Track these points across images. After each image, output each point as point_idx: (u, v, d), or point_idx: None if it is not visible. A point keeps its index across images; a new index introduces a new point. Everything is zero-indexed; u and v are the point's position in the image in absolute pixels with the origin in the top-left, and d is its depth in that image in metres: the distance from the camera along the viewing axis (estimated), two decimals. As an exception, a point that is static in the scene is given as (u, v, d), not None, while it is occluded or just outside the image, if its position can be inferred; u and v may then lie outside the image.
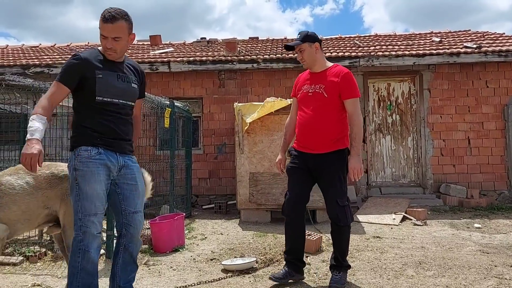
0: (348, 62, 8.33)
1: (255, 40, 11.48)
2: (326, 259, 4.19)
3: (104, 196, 2.66)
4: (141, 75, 2.95)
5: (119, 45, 2.68)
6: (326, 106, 3.36)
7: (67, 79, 2.64)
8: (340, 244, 3.46)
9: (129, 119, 2.85)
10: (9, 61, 8.99)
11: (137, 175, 2.84)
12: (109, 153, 2.68)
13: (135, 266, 2.91)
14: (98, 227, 2.65)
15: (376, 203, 7.36)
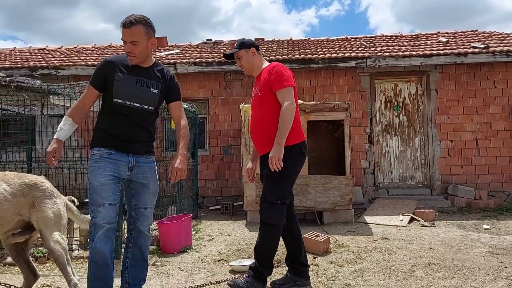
0: (354, 63, 8.31)
1: (261, 41, 11.48)
2: (335, 260, 4.17)
3: (111, 188, 2.76)
4: (169, 80, 2.96)
5: (137, 49, 2.78)
6: (262, 105, 3.36)
7: (95, 81, 2.87)
8: (258, 243, 3.34)
9: (147, 123, 2.91)
10: (16, 63, 9.06)
11: (149, 174, 2.93)
12: (120, 153, 2.82)
13: (145, 263, 2.98)
14: (106, 217, 2.73)
15: (384, 204, 7.32)
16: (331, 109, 6.41)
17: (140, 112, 2.85)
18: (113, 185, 2.78)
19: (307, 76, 8.69)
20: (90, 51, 10.62)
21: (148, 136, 2.94)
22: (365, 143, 8.50)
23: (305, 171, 6.40)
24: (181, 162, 2.81)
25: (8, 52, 11.19)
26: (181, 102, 3.08)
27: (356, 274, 3.73)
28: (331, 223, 6.22)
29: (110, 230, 2.76)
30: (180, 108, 3.05)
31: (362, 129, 8.51)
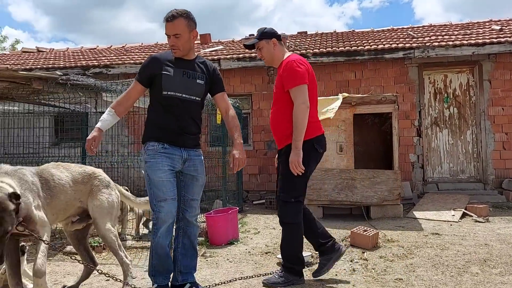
0: (402, 54, 8.09)
1: (304, 35, 11.40)
2: (384, 255, 4.10)
3: (171, 183, 2.90)
4: (212, 72, 3.06)
5: (180, 41, 2.90)
6: (277, 102, 3.34)
7: (140, 77, 2.99)
8: (282, 242, 3.37)
9: (195, 114, 3.02)
10: (70, 63, 9.51)
11: (199, 168, 3.06)
12: (174, 147, 2.93)
13: (194, 252, 3.10)
14: (169, 212, 2.88)
15: (433, 199, 7.10)
16: (378, 102, 6.27)
17: (189, 103, 2.95)
18: (172, 180, 2.91)
19: (352, 69, 8.55)
20: (138, 49, 10.96)
21: (197, 128, 3.04)
22: (413, 136, 8.27)
23: (351, 165, 6.32)
24: (240, 152, 2.95)
25: (62, 52, 11.75)
26: (225, 93, 3.15)
27: (407, 269, 3.65)
28: (379, 218, 6.10)
29: (171, 225, 2.93)
30: (226, 99, 3.14)
31: (410, 122, 8.28)
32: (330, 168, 6.30)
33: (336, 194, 6.21)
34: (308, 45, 9.29)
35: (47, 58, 10.78)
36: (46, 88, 4.79)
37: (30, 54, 11.94)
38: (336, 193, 6.21)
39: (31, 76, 4.80)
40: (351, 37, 10.05)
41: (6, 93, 5.71)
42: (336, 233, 5.13)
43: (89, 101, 6.52)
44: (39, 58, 10.84)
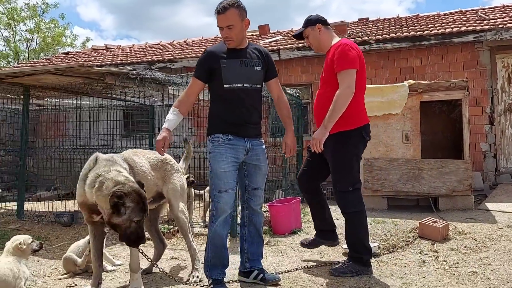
0: (472, 37, 7.65)
1: (365, 21, 11.09)
2: (456, 247, 3.94)
3: (232, 175, 2.94)
4: (266, 57, 3.07)
5: (233, 32, 2.88)
6: (325, 86, 3.29)
7: (199, 73, 3.00)
8: (347, 233, 3.37)
9: (257, 102, 3.03)
10: (137, 58, 9.96)
11: (262, 157, 3.09)
12: (237, 138, 2.96)
13: (260, 239, 3.17)
14: (228, 203, 2.94)
15: (508, 191, 6.67)
16: (447, 88, 5.98)
17: (251, 92, 2.97)
18: (234, 171, 2.95)
19: (417, 54, 8.20)
20: (199, 43, 11.23)
21: (258, 117, 3.07)
22: (485, 124, 7.81)
23: (417, 155, 6.10)
24: (292, 138, 3.11)
25: (128, 48, 12.33)
26: (278, 79, 3.17)
27: (481, 262, 3.49)
28: (448, 210, 5.85)
29: (229, 216, 2.98)
30: (279, 84, 3.17)
31: (481, 109, 7.82)
32: (395, 158, 6.12)
33: (402, 185, 6.02)
34: (370, 32, 9.03)
35: (115, 54, 11.36)
36: (117, 82, 5.07)
37: (99, 51, 12.64)
38: (401, 184, 6.03)
39: (105, 72, 5.10)
40: (416, 22, 9.63)
41: (81, 88, 6.11)
42: (403, 224, 5.00)
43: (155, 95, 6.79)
44: (108, 55, 11.45)
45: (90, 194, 2.73)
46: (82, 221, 5.49)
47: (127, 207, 2.60)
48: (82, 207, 2.90)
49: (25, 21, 22.55)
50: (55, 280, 3.39)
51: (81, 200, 2.85)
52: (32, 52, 22.61)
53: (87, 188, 2.75)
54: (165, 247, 3.68)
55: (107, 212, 2.62)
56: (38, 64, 11.76)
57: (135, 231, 2.66)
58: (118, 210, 2.58)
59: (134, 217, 2.63)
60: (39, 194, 8.32)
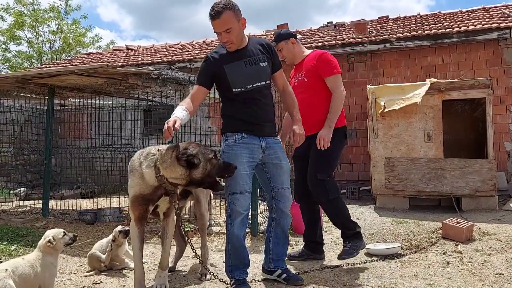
0: (496, 35, 7.50)
1: (385, 19, 10.97)
2: (480, 248, 3.88)
3: (247, 176, 2.90)
4: (269, 49, 3.01)
5: (233, 35, 2.80)
6: (310, 90, 3.53)
7: (202, 80, 2.93)
8: (334, 218, 3.61)
9: (267, 100, 3.00)
10: (157, 59, 10.06)
11: (281, 154, 3.03)
12: (252, 137, 2.92)
13: (286, 240, 3.15)
14: (243, 205, 2.90)
15: (533, 191, 6.53)
16: (470, 87, 5.89)
17: (261, 89, 2.93)
18: (249, 173, 2.91)
19: (439, 53, 8.08)
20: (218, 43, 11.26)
21: (272, 114, 3.04)
22: (509, 123, 7.65)
23: (440, 155, 6.02)
24: (300, 127, 3.00)
25: (148, 49, 12.47)
26: (282, 70, 3.12)
27: (507, 263, 3.43)
28: (471, 210, 5.76)
29: (245, 217, 2.95)
30: (282, 77, 3.11)
31: (505, 107, 7.66)
32: (417, 157, 6.05)
33: (424, 185, 5.95)
34: (391, 30, 8.93)
35: (135, 55, 11.50)
36: (140, 82, 5.14)
37: (120, 52, 12.82)
38: (423, 184, 5.95)
39: (127, 72, 5.17)
40: (437, 20, 9.49)
41: (104, 89, 6.21)
42: (426, 224, 4.95)
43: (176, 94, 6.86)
44: (128, 55, 11.60)
45: (151, 175, 2.70)
46: (105, 220, 5.60)
47: (195, 155, 2.59)
48: (137, 201, 2.83)
49: (48, 23, 23.02)
50: (81, 277, 3.46)
51: (138, 191, 2.79)
52: (54, 53, 23.07)
53: (146, 169, 2.71)
54: (186, 245, 3.73)
55: (184, 174, 2.61)
56: (61, 65, 12.00)
57: (219, 165, 2.72)
58: (192, 163, 2.58)
59: (208, 155, 2.65)
60: (62, 192, 8.49)
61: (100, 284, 3.29)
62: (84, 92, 6.56)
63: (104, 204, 6.75)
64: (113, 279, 3.40)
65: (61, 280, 3.40)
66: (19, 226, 5.36)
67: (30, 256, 2.77)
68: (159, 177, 2.66)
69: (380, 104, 6.19)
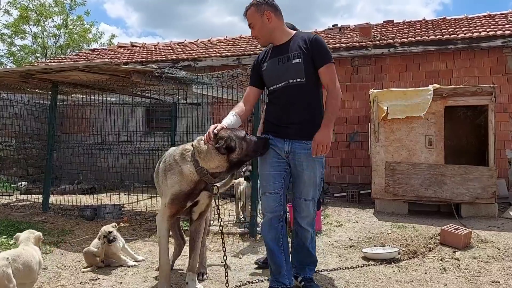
0: (500, 42, 7.50)
1: (390, 24, 10.96)
2: (478, 255, 3.88)
3: (272, 177, 2.82)
4: (310, 43, 2.73)
5: (256, 30, 2.85)
6: None
7: (251, 80, 3.00)
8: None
9: (298, 99, 2.75)
10: (161, 57, 10.07)
11: (305, 162, 2.76)
12: (277, 139, 2.82)
13: (306, 251, 3.00)
14: (267, 207, 2.87)
15: (534, 200, 6.52)
16: (473, 93, 5.88)
17: (290, 88, 2.74)
18: (273, 173, 2.80)
19: (443, 59, 8.07)
20: (223, 43, 11.29)
21: (301, 116, 2.74)
22: (510, 131, 7.64)
23: (440, 160, 6.01)
24: (322, 135, 2.62)
25: (153, 46, 12.49)
26: (330, 66, 2.73)
27: (504, 272, 3.43)
28: (470, 217, 5.75)
29: (273, 219, 2.83)
30: (327, 74, 2.73)
31: (507, 115, 7.65)
32: (418, 162, 6.05)
33: (424, 190, 5.95)
34: (396, 34, 8.93)
35: (140, 52, 11.52)
36: (143, 80, 5.15)
37: (125, 49, 12.84)
38: (423, 189, 5.95)
39: (131, 70, 5.18)
40: (442, 25, 9.47)
41: (107, 85, 6.23)
42: (424, 230, 4.95)
43: (179, 93, 6.87)
44: (133, 52, 11.62)
45: (191, 170, 2.75)
46: (104, 216, 5.62)
47: (230, 138, 2.63)
48: (177, 199, 2.82)
49: (53, 17, 23.07)
50: (78, 273, 3.48)
51: (178, 189, 2.79)
52: (59, 48, 23.13)
53: (185, 165, 2.76)
54: (185, 243, 3.74)
55: (223, 161, 2.66)
56: (66, 60, 12.03)
57: (255, 142, 2.73)
58: (231, 147, 2.63)
59: (240, 135, 2.68)
60: (63, 187, 8.52)
61: (97, 280, 3.31)
62: (87, 88, 6.58)
63: (104, 201, 6.78)
64: (110, 275, 3.42)
65: (58, 275, 3.42)
66: (19, 220, 5.39)
67: (28, 247, 2.80)
68: (199, 169, 2.70)
69: (382, 109, 6.19)
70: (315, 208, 2.88)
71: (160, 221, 2.94)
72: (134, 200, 7.06)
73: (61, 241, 4.51)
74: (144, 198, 7.19)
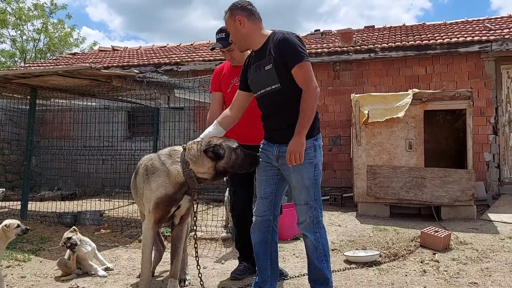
0: (477, 47, 7.66)
1: (371, 29, 11.12)
2: (457, 257, 3.94)
3: (262, 181, 2.81)
4: (278, 46, 2.59)
5: (231, 36, 2.80)
6: None
7: (240, 84, 2.92)
8: None
9: (279, 105, 2.65)
10: (143, 61, 10.00)
11: (292, 167, 2.58)
12: (269, 144, 2.78)
13: (314, 267, 2.81)
14: (256, 211, 2.86)
15: (511, 201, 6.67)
16: (451, 98, 6.00)
17: (269, 96, 2.67)
18: (265, 177, 2.79)
19: (422, 64, 8.21)
20: (206, 47, 11.26)
21: (284, 121, 2.63)
22: (488, 134, 7.80)
23: (420, 164, 6.11)
24: (293, 143, 2.49)
25: (135, 50, 12.39)
26: (302, 65, 2.53)
27: (482, 273, 3.49)
28: (450, 219, 5.85)
29: (262, 223, 2.82)
30: (299, 74, 2.55)
31: (485, 119, 7.82)
32: (399, 165, 6.13)
33: (405, 193, 6.03)
34: (376, 40, 9.06)
35: (122, 56, 11.42)
36: (124, 85, 5.11)
37: (106, 53, 12.71)
38: (404, 192, 6.03)
39: (112, 74, 5.13)
40: (422, 31, 9.65)
41: (88, 90, 6.16)
42: (405, 232, 5.01)
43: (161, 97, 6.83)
44: (114, 57, 11.51)
45: (178, 170, 2.76)
46: (84, 223, 5.54)
47: (220, 145, 2.69)
48: (162, 203, 2.79)
49: (33, 21, 22.70)
50: (57, 282, 3.42)
51: (164, 192, 2.77)
52: (39, 52, 22.76)
53: (173, 166, 2.76)
54: (165, 249, 3.72)
55: (211, 167, 2.71)
56: (45, 64, 11.85)
57: (244, 155, 2.76)
58: (219, 153, 2.69)
59: (232, 145, 2.74)
60: (43, 194, 8.37)
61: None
62: (67, 93, 6.49)
63: (85, 207, 6.68)
64: (90, 283, 3.37)
65: (37, 283, 3.36)
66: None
67: None
68: (187, 171, 2.72)
69: (363, 113, 6.26)
70: (313, 212, 2.69)
71: (146, 228, 2.90)
72: (116, 206, 6.98)
73: (40, 249, 4.43)
74: (126, 204, 7.11)
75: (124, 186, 8.55)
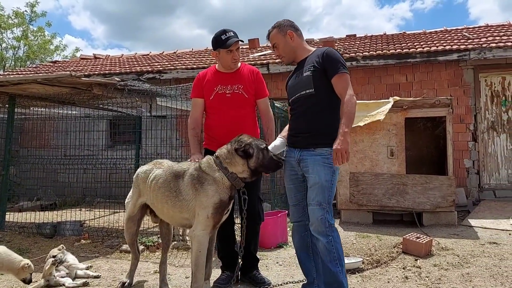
0: (456, 56, 7.82)
1: (353, 38, 11.26)
2: (438, 263, 3.98)
3: (291, 189, 3.01)
4: (322, 57, 2.83)
5: (279, 49, 3.03)
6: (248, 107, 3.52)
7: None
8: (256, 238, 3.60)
9: (307, 109, 2.86)
10: (125, 69, 9.92)
11: (310, 167, 2.77)
12: (291, 149, 2.99)
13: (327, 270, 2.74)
14: (292, 217, 3.05)
15: (491, 207, 6.78)
16: (431, 105, 6.09)
17: (301, 100, 2.90)
18: (292, 186, 2.99)
19: (403, 72, 8.35)
20: (189, 55, 11.26)
21: (308, 126, 2.85)
22: (468, 141, 7.94)
23: (402, 170, 6.16)
24: (339, 143, 2.61)
25: (117, 58, 12.30)
26: (342, 75, 2.77)
27: (463, 278, 3.53)
28: (431, 225, 5.91)
29: (299, 228, 3.02)
30: (338, 83, 2.77)
31: (465, 126, 7.97)
32: (381, 172, 6.18)
33: (387, 200, 6.08)
34: (358, 48, 9.17)
35: (103, 64, 11.31)
36: (105, 93, 5.04)
37: (88, 61, 12.58)
38: (386, 199, 6.08)
39: (92, 82, 5.07)
40: (402, 39, 9.82)
41: (68, 98, 6.06)
42: (387, 239, 5.04)
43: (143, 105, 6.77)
44: (96, 65, 11.39)
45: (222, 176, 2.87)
46: (64, 233, 5.42)
47: (250, 144, 2.85)
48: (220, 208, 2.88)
49: (12, 29, 22.34)
50: (35, 293, 3.33)
51: (218, 198, 2.87)
52: (18, 60, 22.39)
53: (216, 173, 2.87)
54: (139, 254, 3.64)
55: (244, 165, 2.86)
56: (25, 72, 11.65)
57: (270, 159, 2.88)
58: (248, 152, 2.84)
59: (260, 145, 2.87)
60: (21, 204, 8.18)
61: (55, 301, 3.17)
62: (47, 101, 6.37)
63: (65, 217, 6.54)
64: (69, 295, 3.28)
65: (13, 297, 3.26)
66: (-28, 240, 5.11)
67: None
68: (230, 175, 2.86)
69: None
70: (324, 215, 2.71)
71: (204, 234, 2.84)
72: (97, 216, 6.86)
73: (17, 260, 4.29)
74: (107, 213, 6.99)
75: (105, 195, 8.43)
